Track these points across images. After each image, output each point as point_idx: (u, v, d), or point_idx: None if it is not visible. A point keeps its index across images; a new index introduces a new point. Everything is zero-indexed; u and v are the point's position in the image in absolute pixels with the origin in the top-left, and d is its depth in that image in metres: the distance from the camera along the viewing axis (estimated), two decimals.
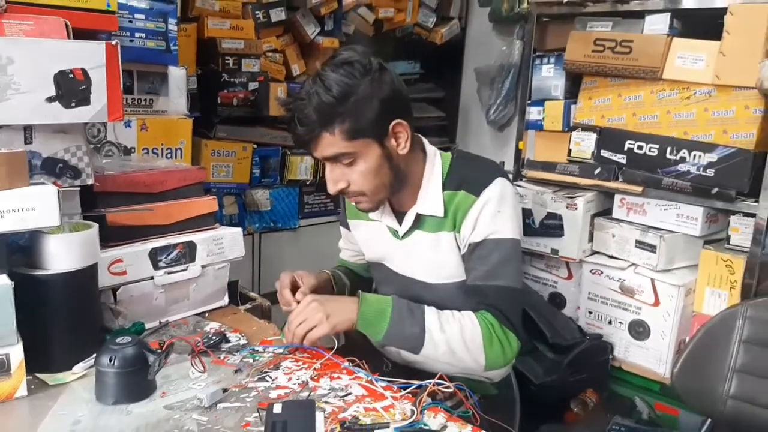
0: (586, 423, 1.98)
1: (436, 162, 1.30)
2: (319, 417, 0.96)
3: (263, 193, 2.41)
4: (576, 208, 2.04)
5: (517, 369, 1.63)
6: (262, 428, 0.93)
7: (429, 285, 1.33)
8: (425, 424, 0.98)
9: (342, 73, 1.14)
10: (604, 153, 2.03)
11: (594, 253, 2.10)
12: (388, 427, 0.95)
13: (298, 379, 1.12)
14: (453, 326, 1.19)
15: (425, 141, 1.33)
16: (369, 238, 1.41)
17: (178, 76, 1.54)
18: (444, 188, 1.27)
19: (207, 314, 1.43)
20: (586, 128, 2.08)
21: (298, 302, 1.23)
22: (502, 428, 1.24)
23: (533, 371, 1.86)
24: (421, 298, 1.34)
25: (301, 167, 2.46)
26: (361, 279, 1.55)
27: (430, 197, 1.27)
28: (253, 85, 2.23)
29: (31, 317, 1.07)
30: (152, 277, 1.31)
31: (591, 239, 2.09)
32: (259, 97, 2.26)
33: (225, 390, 1.05)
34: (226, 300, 1.48)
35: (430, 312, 1.21)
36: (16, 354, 1.00)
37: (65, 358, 1.10)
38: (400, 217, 1.33)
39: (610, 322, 2.03)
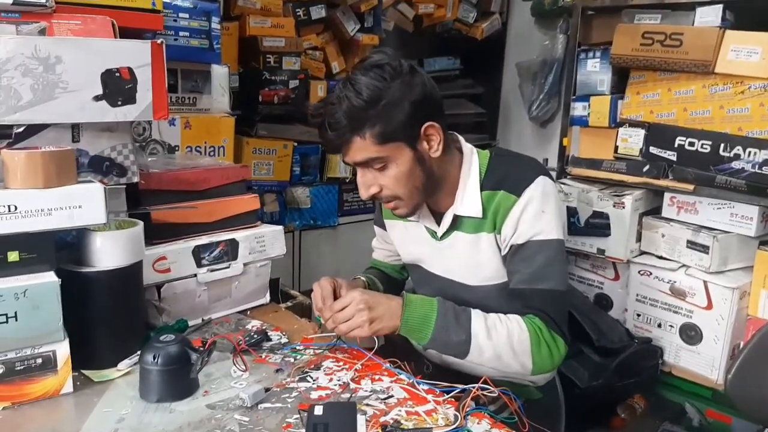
0: (633, 429, 1.92)
1: (473, 161, 1.26)
2: (361, 420, 0.95)
3: (303, 190, 2.42)
4: (623, 207, 1.97)
5: (561, 372, 1.58)
6: (303, 430, 0.92)
7: (469, 287, 1.30)
8: (469, 431, 0.96)
9: (372, 76, 1.12)
10: (653, 150, 1.96)
11: (642, 253, 2.03)
12: None
13: (339, 380, 1.11)
14: (500, 332, 1.15)
15: (462, 140, 1.29)
16: (406, 238, 1.39)
17: (220, 74, 1.54)
18: (482, 188, 1.23)
19: (249, 312, 1.43)
20: (634, 124, 2.01)
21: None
22: None
23: (578, 375, 1.80)
24: (461, 300, 1.31)
25: (340, 165, 2.46)
26: (394, 281, 1.52)
27: (468, 198, 1.24)
28: (293, 83, 2.23)
29: (77, 314, 1.08)
30: (195, 275, 1.32)
31: (639, 239, 2.02)
32: (299, 94, 2.26)
33: (267, 390, 1.04)
34: (267, 298, 1.48)
35: (476, 317, 1.17)
36: (63, 351, 1.01)
37: (110, 354, 1.12)
38: (438, 217, 1.30)
39: (659, 326, 1.96)
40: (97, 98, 1.12)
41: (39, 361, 1.00)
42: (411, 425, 0.97)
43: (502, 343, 1.15)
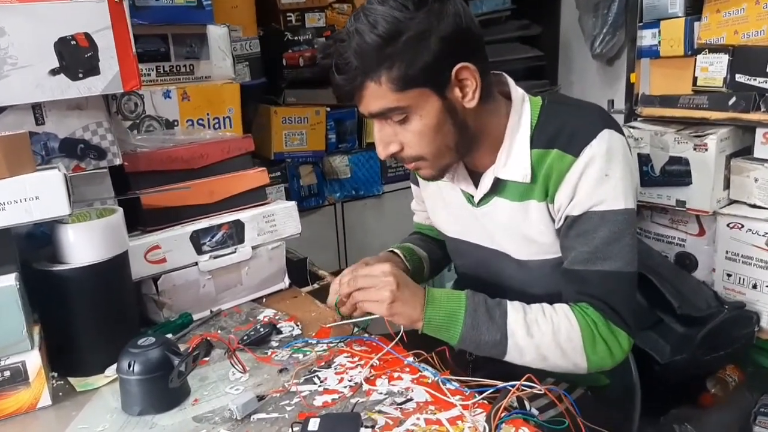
0: (726, 406, 1.66)
1: (523, 111, 1.01)
2: None
3: (342, 159, 2.25)
4: (706, 149, 1.66)
5: (637, 347, 1.34)
6: None
7: (518, 261, 1.08)
8: None
9: (392, 5, 0.89)
10: (740, 78, 1.63)
11: (731, 202, 1.72)
12: None
13: (350, 380, 0.94)
14: (543, 328, 0.95)
15: (511, 83, 1.04)
16: (438, 201, 1.18)
17: (218, 35, 1.37)
18: (532, 146, 0.99)
19: (264, 300, 1.28)
20: (715, 49, 1.68)
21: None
22: (613, 429, 0.98)
23: (658, 349, 1.56)
24: (507, 276, 1.10)
25: None
26: (440, 245, 1.31)
27: (514, 158, 1.00)
28: (319, 42, 2.04)
29: (55, 317, 0.97)
30: (196, 263, 1.18)
31: (727, 186, 1.71)
32: None
33: (261, 398, 0.88)
34: (286, 282, 1.33)
35: (513, 311, 0.96)
36: (33, 361, 0.90)
37: (95, 359, 1.00)
38: (476, 178, 1.07)
39: (755, 287, 1.66)
40: (53, 72, 0.98)
41: (7, 374, 0.89)
42: None
43: (546, 341, 0.95)
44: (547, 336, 0.94)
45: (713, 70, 1.68)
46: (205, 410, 0.89)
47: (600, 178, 0.94)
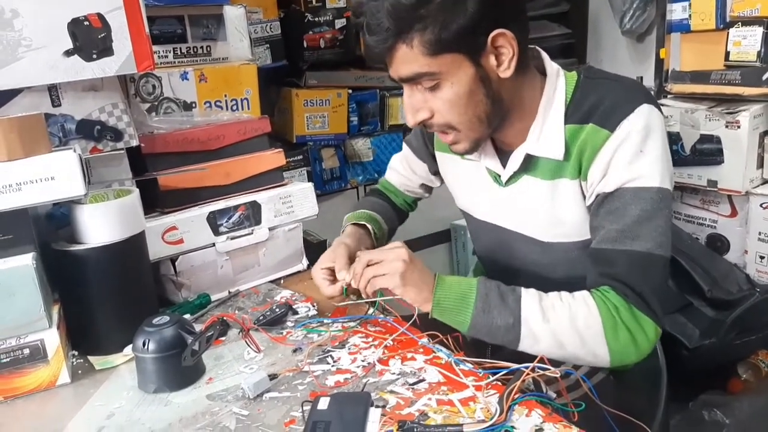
0: (758, 392, 1.61)
1: (558, 86, 0.97)
2: (375, 414, 0.77)
3: (364, 142, 2.24)
4: (738, 127, 1.61)
5: (664, 330, 1.30)
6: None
7: (542, 244, 1.04)
8: (511, 428, 0.74)
9: None
10: None
11: (765, 182, 1.67)
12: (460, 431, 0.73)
13: (363, 360, 0.93)
14: (560, 313, 0.90)
15: (546, 57, 1.00)
16: (461, 179, 1.15)
17: (235, 16, 1.37)
18: (566, 121, 0.95)
19: (282, 281, 1.28)
20: (748, 21, 1.61)
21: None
22: (637, 414, 0.95)
23: (687, 333, 1.52)
24: (531, 260, 1.07)
25: (402, 110, 2.23)
26: (398, 214, 1.33)
27: (548, 133, 0.96)
28: (340, 23, 2.03)
29: (74, 296, 0.98)
30: (213, 244, 1.18)
31: (761, 165, 1.66)
32: (348, 35, 2.05)
33: (273, 377, 0.88)
34: (304, 263, 1.33)
35: (528, 296, 0.92)
36: (52, 339, 0.91)
37: (115, 338, 1.01)
38: (504, 157, 1.04)
39: None
40: (68, 53, 0.98)
41: (26, 351, 0.91)
42: (439, 419, 0.77)
43: (563, 327, 0.89)
44: (563, 321, 0.89)
45: (746, 43, 1.62)
46: (219, 389, 0.89)
47: (636, 153, 0.90)
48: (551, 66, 0.99)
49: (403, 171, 1.32)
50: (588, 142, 0.93)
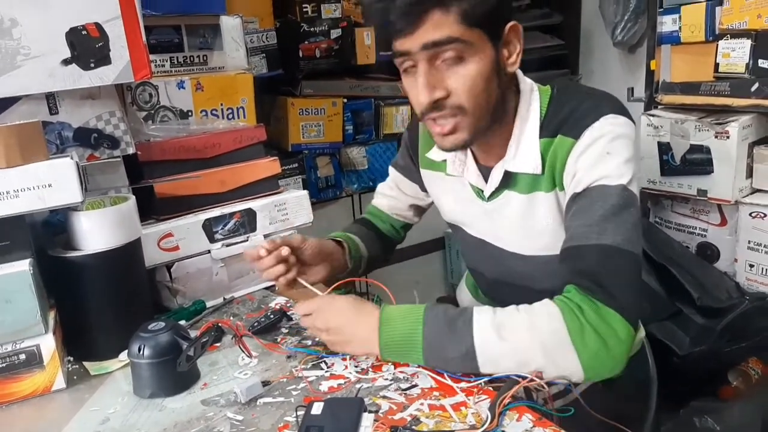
0: (748, 399, 1.62)
1: (532, 100, 0.98)
2: (368, 419, 0.78)
3: (359, 150, 2.25)
4: (728, 137, 1.63)
5: (654, 338, 1.32)
6: None
7: (524, 258, 1.05)
8: None
9: None
10: (763, 63, 1.59)
11: (754, 191, 1.69)
12: None
13: (356, 366, 0.94)
14: (517, 325, 0.85)
15: (520, 74, 1.01)
16: (447, 194, 1.16)
17: (231, 26, 1.38)
18: (541, 135, 0.97)
19: (278, 287, 1.29)
20: (737, 34, 1.64)
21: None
22: (628, 421, 0.96)
23: (677, 340, 1.54)
24: (516, 273, 1.08)
25: (397, 119, 2.26)
26: (386, 241, 1.31)
27: (524, 150, 0.98)
28: (335, 33, 2.05)
29: (70, 302, 0.99)
30: (209, 251, 1.19)
31: (750, 174, 1.68)
32: (344, 45, 2.07)
33: (266, 383, 0.89)
34: None
35: (479, 316, 0.87)
36: (47, 344, 0.92)
37: (109, 344, 1.02)
38: (485, 172, 1.05)
39: None
40: (66, 62, 0.99)
41: (22, 357, 0.91)
42: (431, 424, 0.78)
43: (523, 342, 0.84)
44: (522, 335, 0.84)
45: (735, 55, 1.64)
46: (213, 394, 0.90)
47: (601, 154, 0.91)
48: (525, 82, 1.00)
49: (391, 193, 1.31)
50: (558, 152, 0.94)
